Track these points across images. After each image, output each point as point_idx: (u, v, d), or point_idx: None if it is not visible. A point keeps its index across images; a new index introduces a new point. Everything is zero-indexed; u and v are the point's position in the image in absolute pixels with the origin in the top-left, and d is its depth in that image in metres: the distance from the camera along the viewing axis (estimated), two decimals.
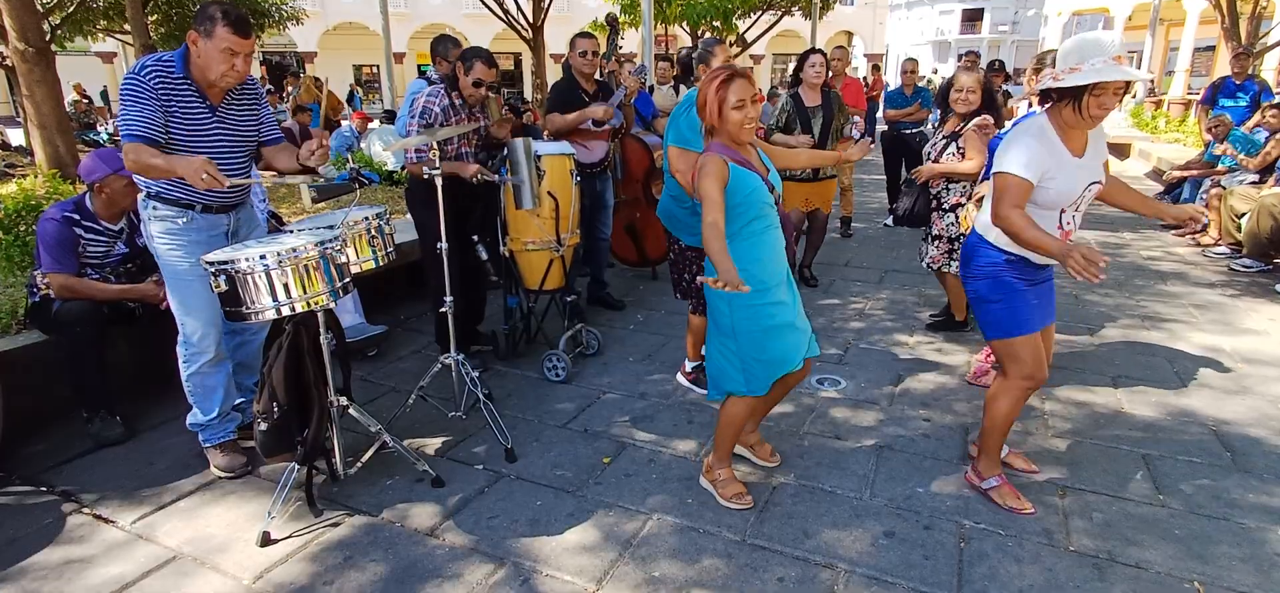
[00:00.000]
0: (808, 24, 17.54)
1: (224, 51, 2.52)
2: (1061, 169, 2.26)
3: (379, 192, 7.21)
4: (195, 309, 2.74)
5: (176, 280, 2.73)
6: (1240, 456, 2.96)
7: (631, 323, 4.66)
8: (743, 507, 2.60)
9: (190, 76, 2.58)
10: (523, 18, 14.18)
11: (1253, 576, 2.25)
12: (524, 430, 3.22)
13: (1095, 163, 2.37)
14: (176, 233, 2.68)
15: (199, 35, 2.52)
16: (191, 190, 2.59)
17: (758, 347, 2.42)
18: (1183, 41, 22.12)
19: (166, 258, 2.71)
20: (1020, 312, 2.43)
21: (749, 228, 2.38)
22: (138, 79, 2.51)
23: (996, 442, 2.62)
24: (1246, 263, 5.72)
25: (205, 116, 2.64)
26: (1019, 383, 2.49)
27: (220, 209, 2.77)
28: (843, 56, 6.84)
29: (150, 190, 2.67)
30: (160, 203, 2.66)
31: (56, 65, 7.08)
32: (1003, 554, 2.36)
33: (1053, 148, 2.27)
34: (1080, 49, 2.19)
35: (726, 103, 2.32)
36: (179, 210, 2.67)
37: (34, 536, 2.51)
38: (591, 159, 4.46)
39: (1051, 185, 2.26)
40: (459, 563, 2.34)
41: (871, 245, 6.77)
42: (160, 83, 2.52)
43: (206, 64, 2.54)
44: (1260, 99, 7.83)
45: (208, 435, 2.92)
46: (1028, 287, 2.45)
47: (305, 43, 27.39)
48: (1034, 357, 2.45)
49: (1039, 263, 2.43)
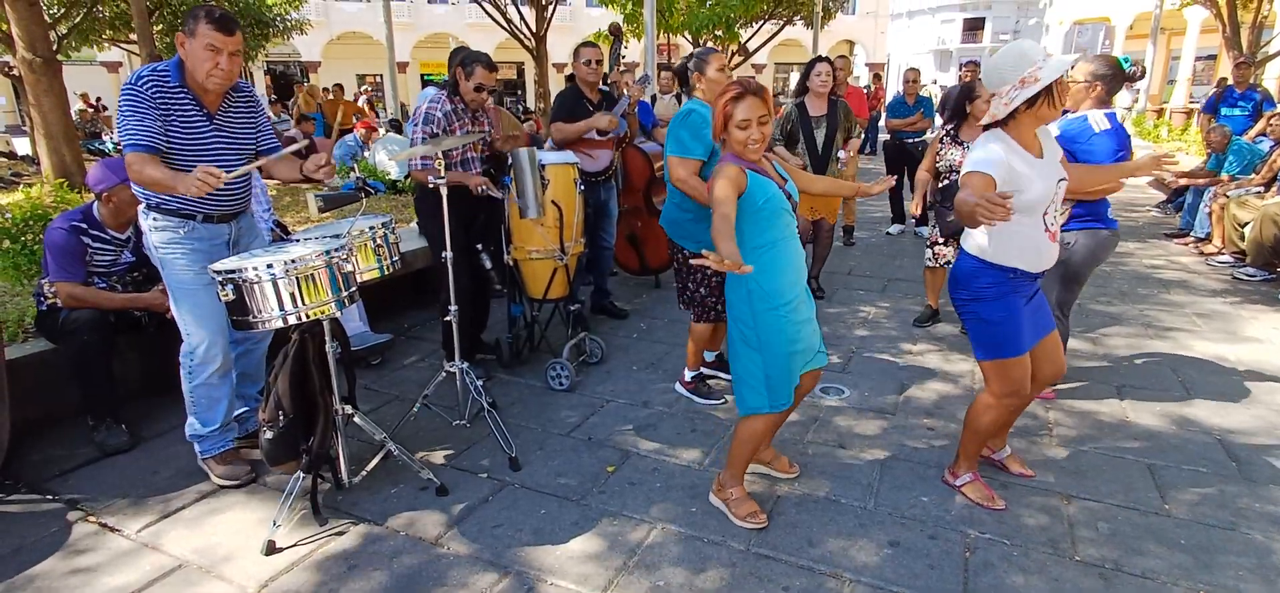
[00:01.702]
0: (809, 33, 17.61)
1: (207, 49, 2.50)
2: (1035, 173, 2.33)
3: (382, 200, 7.24)
4: (202, 319, 2.73)
5: (182, 290, 2.73)
6: (1246, 465, 2.95)
7: (635, 331, 4.66)
8: (757, 526, 2.54)
9: (186, 85, 2.58)
10: (526, 28, 14.26)
11: (1260, 586, 2.25)
12: (528, 439, 3.23)
13: (1055, 160, 2.44)
14: (179, 243, 2.68)
15: (185, 37, 2.52)
16: (191, 201, 2.59)
17: (783, 362, 2.38)
18: (1184, 51, 22.16)
19: (171, 268, 2.71)
20: (1020, 332, 2.45)
21: (770, 237, 2.34)
22: (135, 89, 2.51)
23: (975, 448, 2.69)
24: (1250, 272, 5.71)
25: (203, 125, 2.63)
26: (1006, 400, 2.54)
27: (221, 218, 2.77)
28: (845, 66, 6.87)
29: (150, 202, 2.67)
30: (160, 214, 2.66)
31: (63, 75, 7.13)
32: (1008, 564, 2.35)
33: (1021, 156, 2.33)
34: (1022, 59, 2.28)
35: (732, 119, 2.31)
36: (179, 221, 2.67)
37: (40, 544, 2.52)
38: (595, 167, 4.48)
39: (1031, 189, 2.31)
40: (463, 572, 2.35)
41: (874, 254, 6.77)
42: (157, 91, 2.52)
43: (194, 65, 2.53)
44: (1262, 108, 7.85)
45: (206, 446, 2.90)
46: (1022, 305, 2.47)
47: (309, 52, 27.56)
48: (1024, 375, 2.49)
49: (1034, 274, 2.48)
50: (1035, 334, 2.53)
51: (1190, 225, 7.02)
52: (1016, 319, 2.44)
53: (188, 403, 2.86)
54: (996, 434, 2.82)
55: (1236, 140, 7.21)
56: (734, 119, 2.31)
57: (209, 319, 2.73)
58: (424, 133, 3.49)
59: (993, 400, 2.56)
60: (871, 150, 14.11)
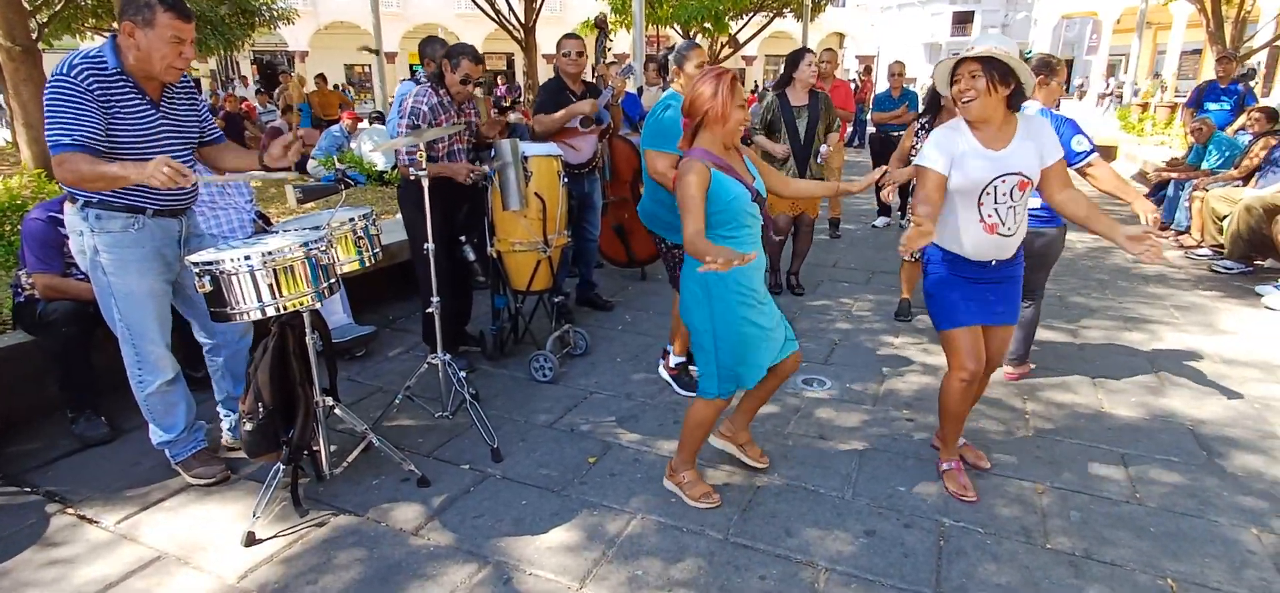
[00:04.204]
0: (799, 26, 17.60)
1: (171, 40, 2.32)
2: (967, 157, 2.43)
3: (368, 192, 7.21)
4: (147, 327, 2.56)
5: (127, 299, 2.51)
6: (1217, 455, 3.01)
7: (620, 324, 4.68)
8: (711, 506, 2.61)
9: (126, 71, 2.37)
10: (514, 18, 14.18)
11: (1225, 574, 2.29)
12: (510, 431, 3.24)
13: (1017, 160, 2.44)
14: (126, 245, 2.46)
15: (135, 26, 2.30)
16: (145, 192, 2.40)
17: (735, 355, 2.43)
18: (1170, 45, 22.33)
19: (113, 275, 2.47)
20: (954, 305, 2.58)
21: (729, 230, 2.37)
22: (68, 81, 2.24)
23: (949, 430, 2.76)
24: (1227, 265, 5.79)
25: (148, 113, 2.43)
26: (954, 375, 2.64)
27: (172, 214, 2.58)
28: (831, 59, 6.88)
29: (92, 199, 2.41)
30: (106, 210, 2.42)
31: (43, 63, 7.04)
32: (981, 553, 2.39)
33: (963, 138, 2.45)
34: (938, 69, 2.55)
35: (732, 102, 2.31)
36: (128, 217, 2.45)
37: (17, 536, 2.51)
38: (579, 160, 4.48)
39: (958, 172, 2.43)
40: (442, 563, 2.36)
41: (860, 247, 6.81)
42: (95, 82, 2.29)
43: (148, 56, 2.34)
44: (1244, 102, 7.93)
45: (177, 451, 2.80)
46: (964, 282, 2.57)
47: (296, 42, 27.31)
48: (968, 350, 2.57)
49: (975, 261, 2.55)
50: (984, 318, 2.60)
51: (1171, 219, 7.10)
52: (948, 293, 2.58)
53: (144, 412, 2.75)
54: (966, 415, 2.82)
55: (1218, 134, 7.30)
56: (735, 101, 2.31)
57: (154, 327, 2.59)
58: (407, 126, 3.48)
59: (945, 376, 2.68)
60: (859, 143, 14.16)
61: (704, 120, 2.36)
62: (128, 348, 2.63)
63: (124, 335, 2.61)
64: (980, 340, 2.60)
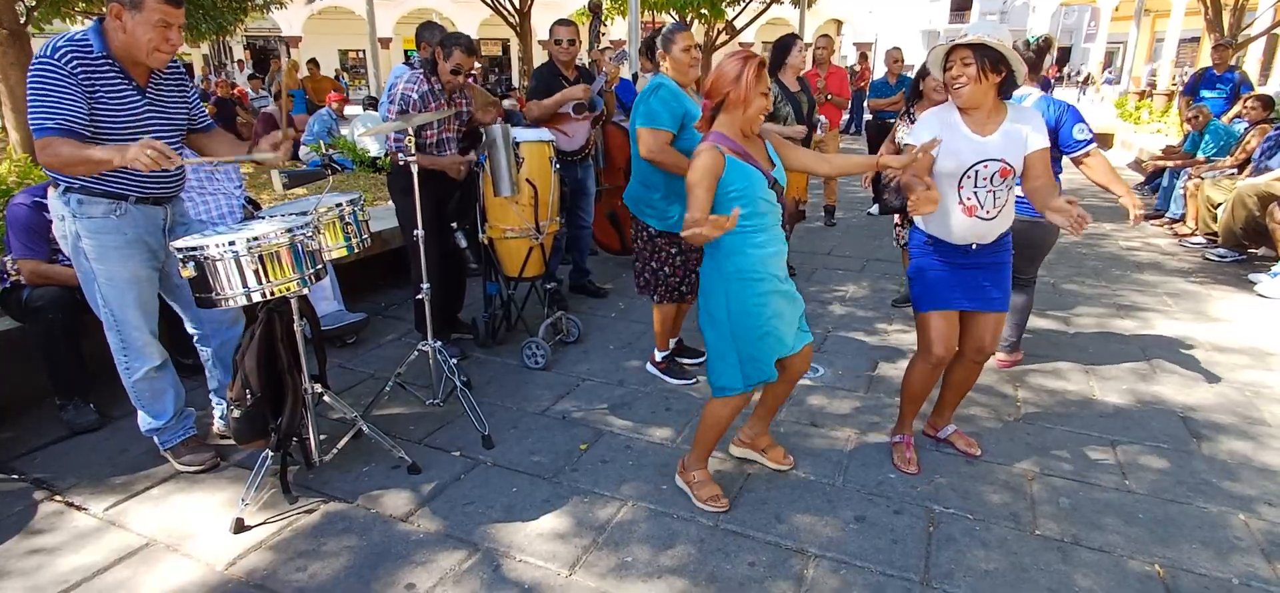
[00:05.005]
0: (796, 12, 17.48)
1: (158, 24, 2.29)
2: (953, 139, 2.46)
3: (360, 178, 7.16)
4: (131, 314, 2.54)
5: (110, 285, 2.49)
6: (1206, 441, 3.01)
7: (613, 311, 4.66)
8: (718, 510, 2.53)
9: (112, 55, 2.34)
10: (510, 4, 14.06)
11: (1212, 559, 2.30)
12: (502, 418, 3.23)
13: (1000, 147, 2.45)
14: (110, 231, 2.44)
15: (123, 8, 2.27)
16: (128, 178, 2.38)
17: (753, 336, 2.34)
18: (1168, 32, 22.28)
19: (96, 261, 2.45)
20: (932, 288, 2.61)
21: (743, 223, 2.25)
22: (52, 63, 2.21)
23: (906, 409, 2.82)
24: (1221, 253, 5.79)
25: (134, 99, 2.40)
26: (921, 358, 2.68)
27: (156, 201, 2.55)
28: (828, 45, 6.84)
29: (73, 184, 2.38)
30: (88, 195, 2.39)
31: (32, 48, 6.97)
32: (970, 539, 2.40)
33: (948, 122, 2.49)
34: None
35: (756, 87, 2.25)
36: (110, 203, 2.42)
37: (3, 524, 2.49)
38: (572, 146, 4.45)
39: (943, 153, 2.46)
40: (431, 549, 2.35)
41: (855, 234, 6.80)
42: (79, 66, 2.25)
43: (135, 40, 2.30)
44: (1240, 90, 7.92)
45: (166, 438, 2.78)
46: (948, 267, 2.59)
47: (289, 27, 27.05)
48: (938, 336, 2.61)
49: (956, 244, 2.57)
50: (966, 302, 2.61)
51: (1166, 207, 7.10)
52: (930, 276, 2.61)
53: (133, 399, 2.73)
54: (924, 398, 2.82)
55: (1213, 122, 7.29)
56: (758, 87, 2.25)
57: (139, 313, 2.56)
58: (397, 111, 3.45)
59: (917, 357, 2.71)
60: (856, 130, 14.12)
61: (725, 103, 2.29)
62: (113, 334, 2.62)
63: (109, 322, 2.59)
64: (955, 329, 2.63)
